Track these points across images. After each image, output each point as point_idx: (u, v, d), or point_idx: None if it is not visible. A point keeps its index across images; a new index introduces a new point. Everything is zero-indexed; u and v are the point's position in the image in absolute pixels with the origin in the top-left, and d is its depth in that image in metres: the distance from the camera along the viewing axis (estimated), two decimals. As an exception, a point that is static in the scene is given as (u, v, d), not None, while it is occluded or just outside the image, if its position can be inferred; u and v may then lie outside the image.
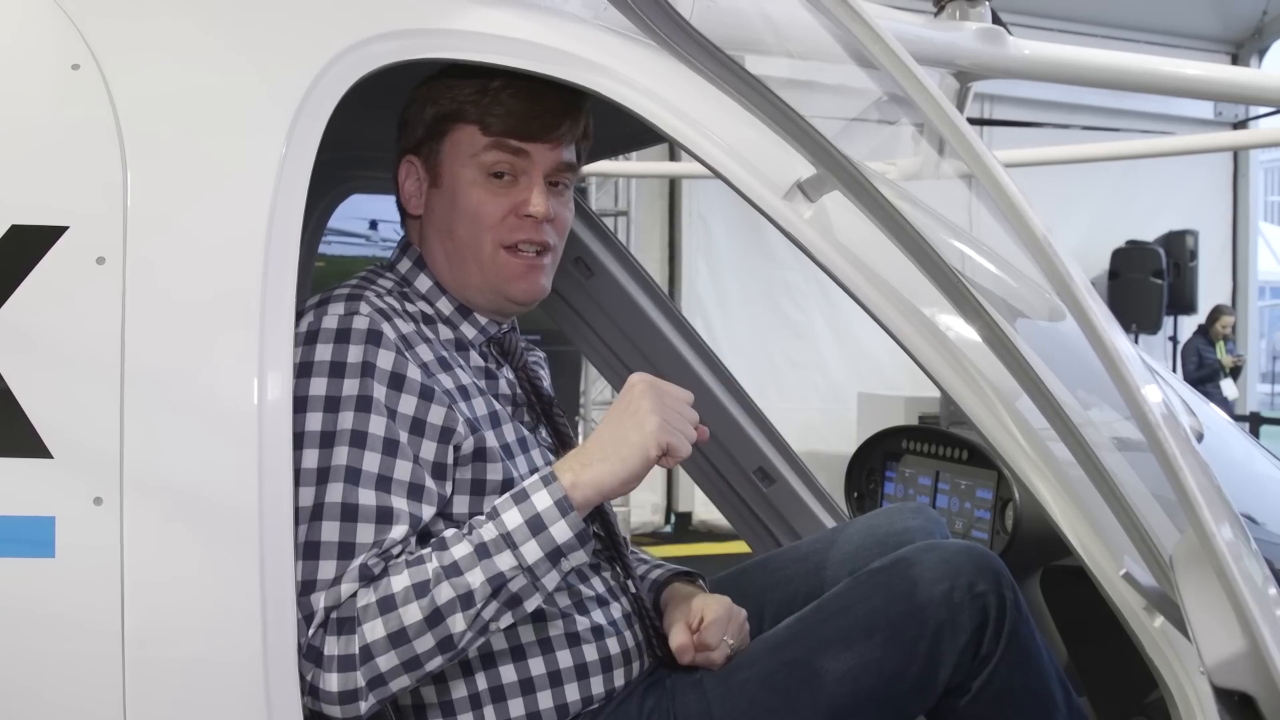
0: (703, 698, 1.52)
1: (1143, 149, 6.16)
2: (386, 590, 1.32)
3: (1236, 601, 1.13)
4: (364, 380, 1.40)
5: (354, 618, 1.31)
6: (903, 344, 1.45)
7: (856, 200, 1.41)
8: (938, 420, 6.60)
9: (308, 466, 1.36)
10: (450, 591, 1.32)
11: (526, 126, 1.53)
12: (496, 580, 1.33)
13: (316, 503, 1.35)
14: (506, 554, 1.34)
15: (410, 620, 1.31)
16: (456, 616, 1.32)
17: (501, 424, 1.54)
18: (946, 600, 1.49)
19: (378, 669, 1.31)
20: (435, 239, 1.59)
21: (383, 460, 1.38)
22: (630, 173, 7.07)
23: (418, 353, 1.47)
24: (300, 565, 1.32)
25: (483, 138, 1.53)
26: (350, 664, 1.31)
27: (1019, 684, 1.52)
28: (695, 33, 1.49)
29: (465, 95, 1.53)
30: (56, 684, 1.22)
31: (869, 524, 1.84)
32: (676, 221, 8.24)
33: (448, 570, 1.33)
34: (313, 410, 1.38)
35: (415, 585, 1.32)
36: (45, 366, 1.23)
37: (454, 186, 1.55)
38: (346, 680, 1.31)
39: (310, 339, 1.41)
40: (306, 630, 1.31)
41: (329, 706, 1.33)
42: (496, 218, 1.54)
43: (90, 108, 1.28)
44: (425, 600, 1.32)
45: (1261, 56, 10.00)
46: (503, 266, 1.56)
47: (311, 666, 1.32)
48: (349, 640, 1.31)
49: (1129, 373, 1.15)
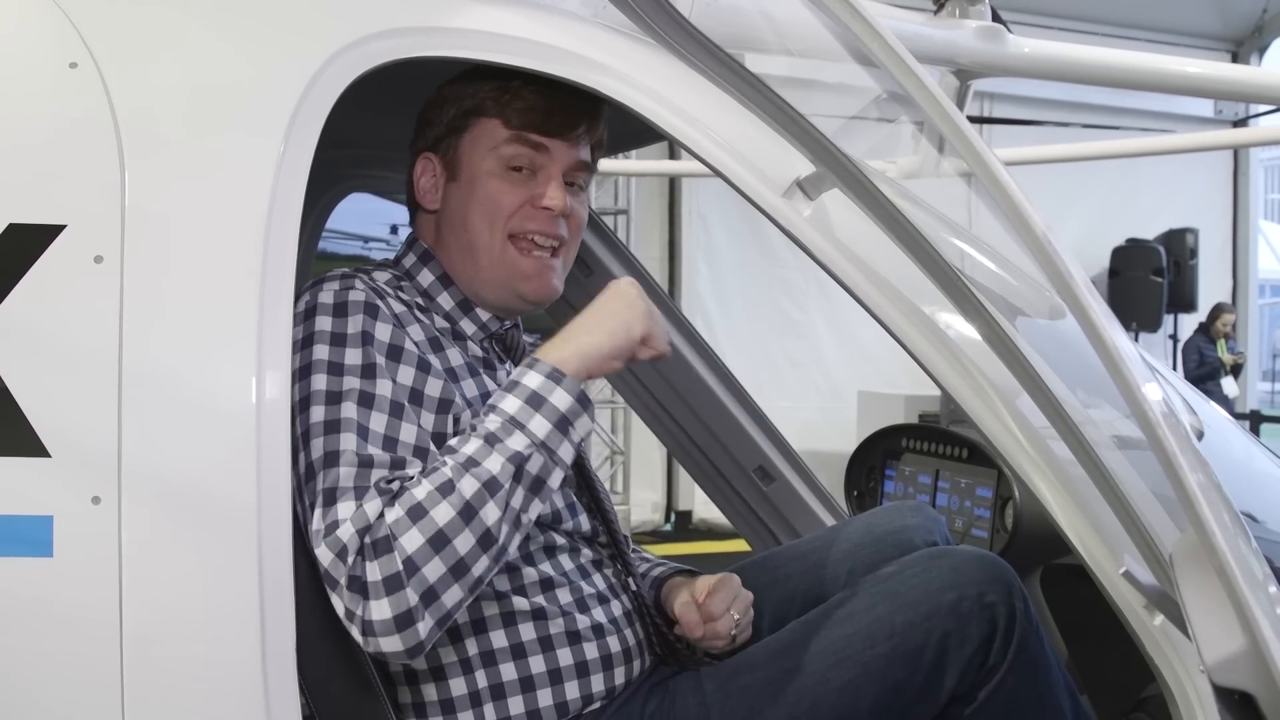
0: (702, 702, 1.52)
1: (1143, 147, 6.14)
2: (411, 500, 1.30)
3: (1236, 600, 1.13)
4: (365, 349, 1.41)
5: (388, 535, 1.28)
6: (902, 342, 1.45)
7: (856, 198, 1.41)
8: (938, 419, 6.61)
9: (316, 420, 1.36)
10: (474, 481, 1.31)
11: (547, 121, 1.55)
12: (515, 459, 1.33)
13: (330, 450, 1.34)
14: (517, 434, 1.34)
15: (444, 519, 1.29)
16: (489, 505, 1.31)
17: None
18: (954, 610, 1.47)
19: (426, 580, 1.27)
20: (449, 232, 1.60)
21: (389, 421, 1.38)
22: (630, 171, 7.06)
23: (409, 331, 1.48)
24: (322, 511, 1.31)
25: (504, 131, 1.55)
26: (397, 582, 1.27)
27: (1026, 694, 1.51)
28: (695, 31, 1.49)
29: (486, 91, 1.56)
30: (55, 683, 1.22)
31: (868, 522, 1.83)
32: (676, 220, 8.24)
33: (466, 465, 1.32)
34: (318, 373, 1.38)
35: (439, 487, 1.30)
36: (43, 366, 1.22)
37: (472, 178, 1.57)
38: (397, 602, 1.26)
39: (309, 314, 1.42)
40: (345, 563, 1.28)
41: (387, 640, 1.27)
42: (512, 207, 1.56)
43: (88, 106, 1.28)
44: (454, 496, 1.30)
45: (1262, 54, 10.00)
46: (514, 262, 1.57)
47: (358, 598, 1.27)
48: (389, 559, 1.27)
49: (1129, 371, 1.15)
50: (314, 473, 1.34)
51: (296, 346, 1.38)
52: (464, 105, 1.58)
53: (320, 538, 1.30)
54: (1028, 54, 2.25)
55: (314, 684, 1.40)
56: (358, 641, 1.29)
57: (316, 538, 1.30)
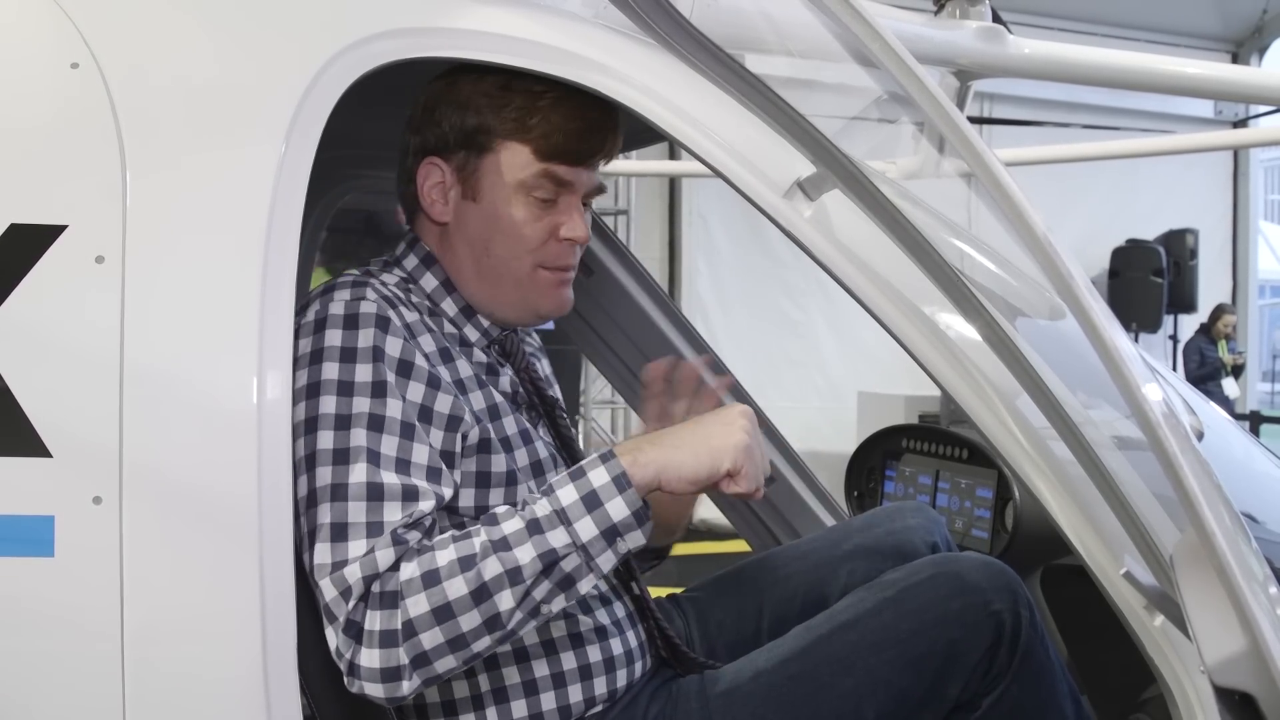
0: (704, 707, 1.51)
1: (1143, 148, 6.15)
2: (431, 564, 1.27)
3: (1237, 600, 1.13)
4: (376, 365, 1.38)
5: (398, 592, 1.27)
6: (903, 343, 1.45)
7: (856, 199, 1.41)
8: (938, 419, 6.61)
9: (324, 447, 1.33)
10: (498, 566, 1.27)
11: (578, 151, 1.50)
12: (548, 557, 1.28)
13: (338, 482, 1.31)
14: (560, 530, 1.29)
15: (455, 595, 1.26)
16: (505, 593, 1.27)
17: (503, 416, 1.53)
18: (959, 618, 1.47)
19: (421, 646, 1.26)
20: (465, 251, 1.55)
21: (400, 444, 1.35)
22: (630, 171, 7.07)
23: (420, 343, 1.45)
24: (330, 547, 1.28)
25: (534, 163, 1.49)
26: (392, 639, 1.26)
27: (1030, 703, 1.51)
28: (695, 31, 1.49)
29: (512, 112, 1.49)
30: (56, 684, 1.22)
31: (868, 522, 1.83)
32: (676, 220, 8.25)
33: (496, 545, 1.28)
34: (326, 394, 1.35)
35: (461, 559, 1.27)
36: (44, 366, 1.22)
37: (494, 204, 1.52)
38: (388, 657, 1.26)
39: (319, 326, 1.39)
40: (346, 604, 1.27)
41: (370, 685, 1.28)
42: (538, 241, 1.52)
43: (89, 106, 1.27)
44: (472, 574, 1.26)
45: (1262, 55, 10.01)
46: (534, 286, 1.55)
47: (351, 642, 1.27)
48: (391, 615, 1.26)
49: (1129, 371, 1.15)
50: (318, 501, 1.31)
51: (305, 360, 1.36)
52: (485, 121, 1.50)
53: (325, 572, 1.28)
54: (1028, 55, 2.25)
55: (315, 684, 1.40)
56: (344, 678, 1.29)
57: (321, 571, 1.29)
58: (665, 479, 1.33)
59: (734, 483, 1.34)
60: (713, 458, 1.33)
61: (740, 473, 1.34)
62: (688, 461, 1.33)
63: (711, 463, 1.33)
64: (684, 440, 1.35)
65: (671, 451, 1.34)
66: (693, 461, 1.33)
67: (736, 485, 1.34)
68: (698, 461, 1.33)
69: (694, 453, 1.34)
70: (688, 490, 1.35)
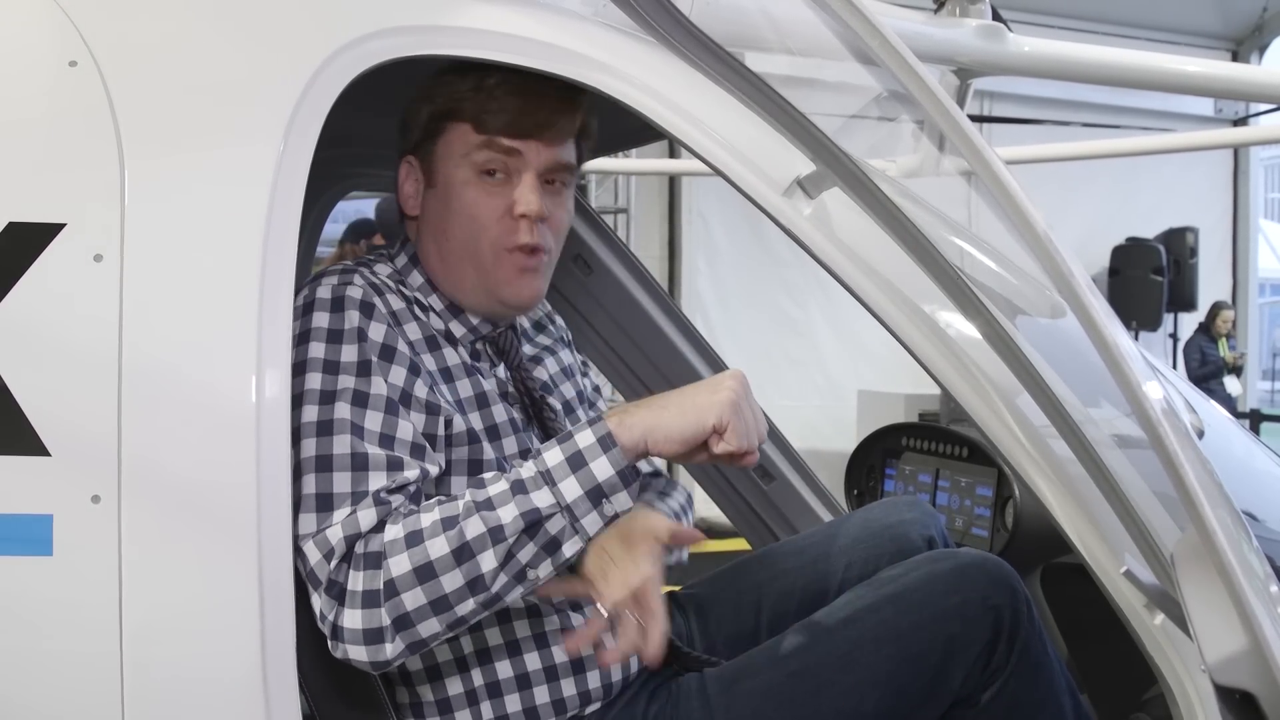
0: (706, 705, 1.51)
1: (1143, 146, 6.14)
2: (415, 525, 1.28)
3: (1238, 599, 1.12)
4: (360, 345, 1.40)
5: (381, 552, 1.27)
6: (903, 341, 1.45)
7: (856, 197, 1.41)
8: (938, 417, 6.61)
9: (308, 420, 1.35)
10: (480, 525, 1.27)
11: (519, 123, 1.50)
12: (531, 515, 1.28)
13: (322, 454, 1.33)
14: (544, 490, 1.29)
15: (437, 554, 1.26)
16: (487, 553, 1.27)
17: (491, 404, 1.53)
18: (959, 613, 1.48)
19: (403, 606, 1.26)
20: (430, 240, 1.57)
21: (384, 419, 1.37)
22: (630, 170, 7.07)
23: (405, 330, 1.47)
24: (315, 516, 1.30)
25: (475, 136, 1.51)
26: (374, 599, 1.26)
27: (1028, 697, 1.51)
28: (695, 29, 1.49)
29: (460, 92, 1.51)
30: (55, 683, 1.22)
31: (865, 517, 1.83)
32: (676, 219, 8.24)
33: (480, 505, 1.29)
34: (312, 371, 1.38)
35: (445, 519, 1.28)
36: (43, 364, 1.22)
37: (448, 187, 1.53)
38: (370, 617, 1.27)
39: (307, 309, 1.42)
40: (329, 565, 1.28)
41: (354, 648, 1.28)
42: (492, 219, 1.52)
43: (87, 105, 1.27)
44: (454, 532, 1.27)
45: (1262, 53, 10.01)
46: (493, 270, 1.53)
47: (334, 603, 1.28)
48: (374, 575, 1.27)
49: (1130, 370, 1.15)
50: (303, 473, 1.33)
51: (294, 342, 1.37)
52: (437, 108, 1.53)
53: (310, 538, 1.30)
54: (1028, 53, 2.26)
55: (314, 684, 1.40)
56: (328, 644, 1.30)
57: (305, 538, 1.30)
58: (653, 440, 1.33)
59: (723, 440, 1.33)
60: (699, 414, 1.33)
61: (728, 428, 1.33)
62: (674, 421, 1.33)
63: (698, 419, 1.33)
64: (671, 401, 1.35)
65: (659, 412, 1.34)
66: (679, 420, 1.33)
67: (726, 443, 1.33)
68: (684, 419, 1.33)
69: (680, 411, 1.33)
70: (677, 451, 1.34)
